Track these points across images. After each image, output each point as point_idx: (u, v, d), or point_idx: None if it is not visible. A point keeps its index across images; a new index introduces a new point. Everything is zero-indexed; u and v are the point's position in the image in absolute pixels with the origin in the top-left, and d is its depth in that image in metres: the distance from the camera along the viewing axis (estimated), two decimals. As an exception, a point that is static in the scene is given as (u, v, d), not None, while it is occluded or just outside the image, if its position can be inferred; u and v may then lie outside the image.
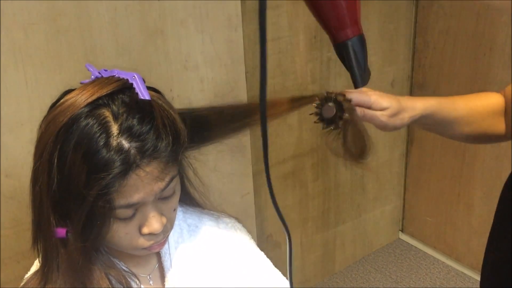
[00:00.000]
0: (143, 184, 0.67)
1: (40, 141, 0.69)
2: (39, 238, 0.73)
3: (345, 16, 0.83)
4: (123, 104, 0.68)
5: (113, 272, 0.76)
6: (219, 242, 0.88)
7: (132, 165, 0.65)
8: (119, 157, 0.64)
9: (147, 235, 0.73)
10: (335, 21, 0.84)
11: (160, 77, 1.52)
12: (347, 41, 0.84)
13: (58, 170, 0.67)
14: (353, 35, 0.84)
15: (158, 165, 0.68)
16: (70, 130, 0.66)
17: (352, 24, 0.84)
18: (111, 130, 0.65)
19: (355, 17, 0.84)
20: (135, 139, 0.66)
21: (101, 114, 0.66)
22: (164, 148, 0.67)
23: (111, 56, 1.40)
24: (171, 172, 0.70)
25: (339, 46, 0.86)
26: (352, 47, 0.85)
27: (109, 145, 0.65)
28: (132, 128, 0.66)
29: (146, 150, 0.66)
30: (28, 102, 1.31)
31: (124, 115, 0.66)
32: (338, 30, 0.84)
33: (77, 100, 0.67)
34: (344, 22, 0.83)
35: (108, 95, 0.68)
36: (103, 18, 1.36)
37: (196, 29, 1.55)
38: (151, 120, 0.67)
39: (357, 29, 0.85)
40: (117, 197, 0.66)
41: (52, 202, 0.69)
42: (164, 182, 0.69)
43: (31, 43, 1.28)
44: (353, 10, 0.83)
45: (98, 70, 0.73)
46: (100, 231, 0.68)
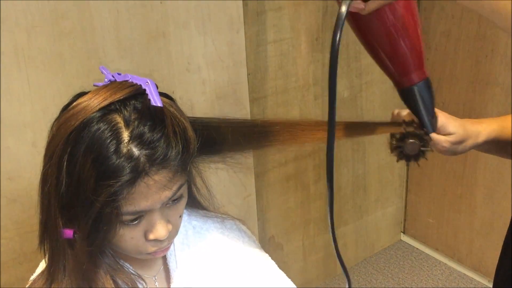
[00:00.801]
0: (150, 192, 0.67)
1: (50, 143, 0.69)
2: (46, 238, 0.73)
3: (409, 61, 0.78)
4: (135, 111, 0.67)
5: (118, 273, 0.76)
6: (224, 244, 0.89)
7: (141, 173, 0.65)
8: (129, 164, 0.64)
9: (152, 241, 0.73)
10: (398, 67, 0.79)
11: (162, 79, 1.52)
12: (413, 86, 0.80)
13: (67, 174, 0.67)
14: (418, 80, 0.80)
15: (167, 174, 0.67)
16: (81, 134, 0.66)
17: (418, 68, 0.79)
18: (122, 136, 0.65)
19: (420, 61, 0.79)
20: (146, 147, 0.65)
21: (112, 119, 0.66)
22: (174, 156, 0.67)
23: (114, 58, 1.40)
24: (179, 181, 0.70)
25: (404, 92, 0.82)
26: (419, 92, 0.81)
27: (119, 152, 0.64)
28: (143, 136, 0.65)
29: (156, 158, 0.66)
30: (30, 105, 1.31)
31: (136, 122, 0.66)
32: (402, 76, 0.80)
33: (90, 104, 0.67)
34: (408, 67, 0.78)
35: (121, 101, 0.68)
36: (105, 20, 1.37)
37: (198, 31, 1.55)
38: (162, 128, 0.67)
39: (422, 73, 0.80)
40: (124, 204, 0.66)
41: (60, 205, 0.69)
42: (172, 190, 0.69)
43: (33, 45, 1.28)
44: (418, 54, 0.78)
45: (112, 74, 0.73)
46: (106, 236, 0.69)
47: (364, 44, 0.81)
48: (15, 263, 1.41)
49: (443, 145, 0.88)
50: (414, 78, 0.80)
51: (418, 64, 0.79)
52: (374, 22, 0.76)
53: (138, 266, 0.81)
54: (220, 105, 1.67)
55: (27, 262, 1.41)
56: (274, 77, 1.90)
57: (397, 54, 0.77)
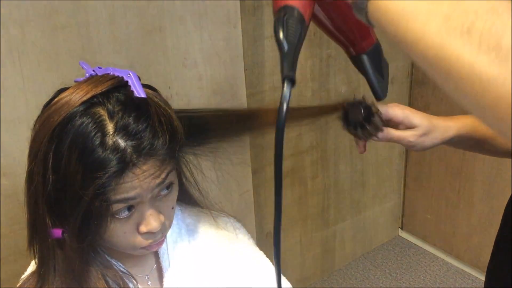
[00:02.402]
0: (139, 181, 0.66)
1: (34, 141, 0.68)
2: (35, 239, 0.72)
3: (358, 29, 0.77)
4: (119, 103, 0.67)
5: (110, 272, 0.75)
6: (218, 242, 0.88)
7: (129, 164, 0.64)
8: (115, 156, 0.63)
9: (145, 234, 0.72)
10: (348, 38, 0.79)
11: (159, 74, 1.50)
12: (362, 54, 0.80)
13: (53, 171, 0.66)
14: (368, 47, 0.80)
15: (155, 163, 0.67)
16: (64, 129, 0.65)
17: (365, 38, 0.79)
18: (107, 129, 0.65)
19: (366, 30, 0.79)
20: (131, 138, 0.65)
21: (96, 112, 0.65)
22: (161, 146, 0.67)
23: (109, 53, 1.39)
24: (167, 168, 0.70)
25: (355, 59, 0.82)
26: (369, 58, 0.81)
27: (104, 144, 0.64)
28: (128, 127, 0.65)
29: (143, 149, 0.65)
30: (25, 100, 1.30)
31: (120, 113, 0.66)
32: (353, 45, 0.80)
33: (72, 99, 0.66)
34: (358, 35, 0.78)
35: (103, 94, 0.67)
36: (100, 14, 1.35)
37: (195, 26, 1.54)
38: (147, 118, 0.67)
39: (371, 39, 0.80)
40: (114, 194, 0.66)
41: (47, 203, 0.68)
42: (160, 178, 0.69)
43: (28, 40, 1.27)
44: (360, 25, 0.77)
45: (93, 68, 0.72)
46: (97, 231, 0.68)
47: (318, 26, 0.80)
48: (11, 260, 1.40)
49: (409, 140, 0.87)
50: (364, 46, 0.80)
51: (367, 31, 0.79)
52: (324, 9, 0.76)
53: (130, 265, 0.80)
54: (217, 100, 1.66)
55: (22, 259, 1.41)
56: (271, 72, 1.89)
57: (345, 23, 0.78)
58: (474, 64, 0.43)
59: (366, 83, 1.25)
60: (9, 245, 1.39)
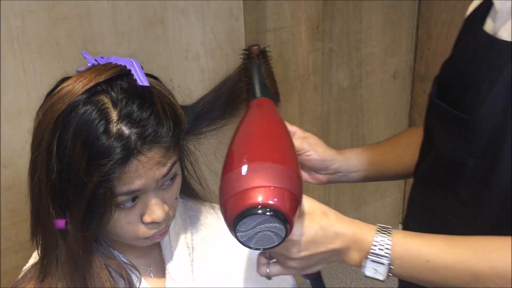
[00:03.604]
0: (144, 170, 0.66)
1: (37, 130, 0.68)
2: (38, 230, 0.72)
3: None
4: (122, 90, 0.67)
5: (113, 264, 0.75)
6: (220, 235, 0.88)
7: (133, 151, 0.64)
8: (120, 143, 0.63)
9: (149, 224, 0.72)
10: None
11: (160, 66, 1.50)
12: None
13: (58, 159, 0.65)
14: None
15: (160, 150, 0.67)
16: (68, 117, 0.65)
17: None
18: (111, 116, 0.64)
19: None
20: (136, 125, 0.65)
21: (99, 100, 0.65)
22: (165, 133, 0.67)
23: (110, 44, 1.39)
24: (172, 157, 0.70)
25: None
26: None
27: (109, 132, 0.64)
28: (132, 114, 0.65)
29: (147, 136, 0.65)
30: (25, 91, 1.29)
31: (124, 101, 0.66)
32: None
33: (75, 87, 0.66)
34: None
35: (106, 82, 0.67)
36: (102, 6, 1.35)
37: (197, 18, 1.53)
38: (151, 106, 0.67)
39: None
40: (119, 184, 0.65)
41: (51, 193, 0.67)
42: (166, 167, 0.68)
43: (29, 31, 1.26)
44: None
45: (95, 58, 0.72)
46: (101, 220, 0.67)
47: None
48: (11, 252, 1.40)
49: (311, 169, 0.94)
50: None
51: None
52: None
53: (133, 257, 0.80)
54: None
55: (22, 251, 1.41)
56: (273, 65, 1.88)
57: None
58: None
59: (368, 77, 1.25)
60: (10, 237, 1.38)
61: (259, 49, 0.87)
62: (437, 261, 0.67)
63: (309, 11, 1.89)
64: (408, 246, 0.68)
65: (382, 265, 0.67)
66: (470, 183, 0.76)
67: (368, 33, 2.10)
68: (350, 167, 0.95)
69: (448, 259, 0.66)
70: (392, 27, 2.21)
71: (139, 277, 0.77)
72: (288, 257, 0.68)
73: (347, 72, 2.13)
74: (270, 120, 0.76)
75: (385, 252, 0.67)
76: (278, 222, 0.60)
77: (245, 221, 0.60)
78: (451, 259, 0.66)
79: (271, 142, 0.70)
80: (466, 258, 0.66)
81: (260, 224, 0.60)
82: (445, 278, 0.67)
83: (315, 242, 0.67)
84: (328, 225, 0.69)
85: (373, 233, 0.68)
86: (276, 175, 0.62)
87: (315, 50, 1.98)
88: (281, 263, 0.70)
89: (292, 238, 0.66)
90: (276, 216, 0.59)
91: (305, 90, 2.02)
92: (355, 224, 0.70)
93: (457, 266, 0.66)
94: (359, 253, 0.69)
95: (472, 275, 0.65)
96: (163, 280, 0.81)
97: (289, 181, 0.62)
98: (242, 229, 0.61)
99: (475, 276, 0.65)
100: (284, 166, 0.63)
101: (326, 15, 1.94)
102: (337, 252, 0.69)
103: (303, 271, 0.71)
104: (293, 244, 0.67)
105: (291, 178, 0.63)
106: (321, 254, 0.69)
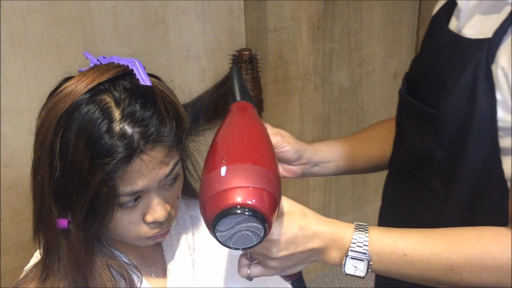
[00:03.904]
0: (147, 169, 0.66)
1: (40, 130, 0.68)
2: (40, 229, 0.72)
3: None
4: (125, 90, 0.67)
5: (114, 264, 0.75)
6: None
7: (136, 150, 0.65)
8: (123, 142, 0.64)
9: (151, 223, 0.72)
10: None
11: (161, 67, 1.50)
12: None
13: (60, 158, 0.65)
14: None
15: (162, 149, 0.67)
16: (71, 117, 0.65)
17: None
18: (114, 115, 0.65)
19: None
20: (138, 124, 0.65)
21: (102, 100, 0.66)
22: (168, 132, 0.67)
23: (111, 45, 1.39)
24: (175, 156, 0.70)
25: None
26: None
27: (112, 131, 0.64)
28: (135, 113, 0.65)
29: (150, 135, 0.66)
30: (27, 91, 1.29)
31: (126, 100, 0.66)
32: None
33: (77, 86, 0.66)
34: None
35: (109, 81, 0.67)
36: (103, 6, 1.35)
37: (198, 18, 1.53)
38: (154, 105, 0.67)
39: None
40: (121, 184, 0.66)
41: (54, 192, 0.68)
42: (169, 167, 0.69)
43: (30, 31, 1.26)
44: None
45: (97, 58, 0.72)
46: (103, 219, 0.68)
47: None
48: (12, 252, 1.40)
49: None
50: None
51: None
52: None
53: (134, 257, 0.80)
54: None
55: (23, 251, 1.41)
56: (274, 66, 1.89)
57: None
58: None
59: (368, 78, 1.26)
60: (11, 237, 1.38)
61: (250, 54, 0.88)
62: (414, 253, 0.69)
63: (310, 11, 1.89)
64: (385, 241, 0.70)
65: (361, 261, 0.69)
66: (439, 174, 0.80)
67: (369, 33, 2.10)
68: (320, 157, 0.98)
69: (425, 252, 0.69)
70: (393, 27, 2.21)
71: (140, 277, 0.77)
72: (268, 257, 0.69)
73: (348, 72, 2.13)
74: (250, 123, 0.77)
75: (363, 248, 0.69)
76: (256, 222, 0.61)
77: (224, 221, 0.61)
78: (427, 252, 0.69)
79: (250, 144, 0.71)
80: (441, 250, 0.69)
81: (239, 224, 0.61)
82: (422, 271, 0.70)
83: (294, 242, 0.69)
84: (307, 225, 0.70)
85: (351, 231, 0.70)
86: (255, 176, 0.63)
87: (316, 50, 1.98)
88: (262, 263, 0.71)
89: (272, 237, 0.67)
90: (255, 216, 0.61)
91: (305, 90, 2.02)
92: (334, 224, 0.72)
93: (432, 258, 0.69)
94: (339, 251, 0.71)
95: (447, 266, 0.68)
96: (164, 280, 0.82)
97: (268, 182, 0.64)
98: (221, 228, 0.62)
99: (451, 266, 0.68)
100: (263, 167, 0.65)
101: (326, 15, 1.94)
102: (317, 252, 0.71)
103: (284, 272, 0.73)
104: (272, 244, 0.68)
105: (270, 180, 0.64)
106: (300, 253, 0.70)
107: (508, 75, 0.70)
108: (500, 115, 0.72)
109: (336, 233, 0.71)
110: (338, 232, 0.70)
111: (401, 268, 0.70)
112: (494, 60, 0.72)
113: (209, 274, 0.83)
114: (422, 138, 0.82)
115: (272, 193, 0.64)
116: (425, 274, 0.70)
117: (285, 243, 0.68)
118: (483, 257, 0.68)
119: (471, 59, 0.74)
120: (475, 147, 0.75)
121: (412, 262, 0.70)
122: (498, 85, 0.71)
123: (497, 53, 0.71)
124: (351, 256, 0.69)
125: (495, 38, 0.72)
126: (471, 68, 0.73)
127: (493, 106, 0.72)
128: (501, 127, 0.73)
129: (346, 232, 0.71)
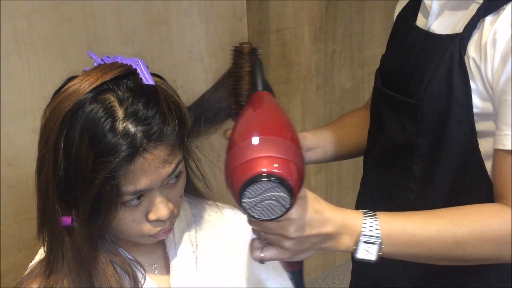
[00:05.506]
0: (150, 168, 0.67)
1: (45, 128, 0.69)
2: (44, 227, 0.73)
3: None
4: (128, 89, 0.68)
5: (118, 260, 0.76)
6: (223, 233, 0.88)
7: (139, 148, 0.65)
8: (126, 141, 0.64)
9: (154, 222, 0.73)
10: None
11: (164, 67, 1.51)
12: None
13: (65, 156, 0.66)
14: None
15: (165, 148, 0.68)
16: (75, 115, 0.66)
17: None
18: (117, 114, 0.65)
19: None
20: (141, 123, 0.66)
21: (106, 99, 0.66)
22: (170, 131, 0.68)
23: (115, 45, 1.39)
24: (178, 155, 0.71)
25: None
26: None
27: (115, 129, 0.65)
28: (138, 112, 0.66)
29: (153, 134, 0.66)
30: (30, 91, 1.30)
31: (130, 99, 0.67)
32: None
33: (81, 85, 0.67)
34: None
35: (112, 80, 0.68)
36: (106, 6, 1.35)
37: (201, 19, 1.54)
38: (156, 104, 0.68)
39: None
40: (125, 183, 0.66)
41: (58, 190, 0.68)
42: (172, 166, 0.69)
43: (34, 31, 1.27)
44: None
45: (101, 57, 0.73)
46: (107, 217, 0.68)
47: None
48: (14, 250, 1.41)
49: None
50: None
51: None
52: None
53: (137, 254, 0.81)
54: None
55: (26, 249, 1.41)
56: (276, 67, 1.89)
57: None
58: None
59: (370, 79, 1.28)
60: (13, 235, 1.39)
61: (250, 47, 0.89)
62: (422, 233, 0.74)
63: (312, 12, 1.89)
64: (394, 224, 0.74)
65: (373, 245, 0.72)
66: (421, 159, 0.87)
67: (371, 34, 2.10)
68: (308, 143, 1.04)
69: (432, 230, 0.74)
70: (395, 29, 2.22)
71: (143, 274, 0.78)
72: (285, 236, 0.70)
73: (350, 73, 2.14)
74: (276, 106, 0.79)
75: (375, 232, 0.72)
76: (284, 192, 0.62)
77: (253, 187, 0.62)
78: (434, 230, 0.74)
79: (279, 121, 0.73)
80: (446, 227, 0.74)
81: (267, 192, 0.62)
82: (430, 248, 0.74)
83: (310, 224, 0.71)
84: (321, 209, 0.72)
85: (360, 217, 0.74)
86: (286, 149, 0.65)
87: (318, 51, 1.99)
88: (276, 244, 0.72)
89: (291, 216, 0.69)
90: (283, 185, 0.62)
91: (307, 91, 2.03)
92: (343, 211, 0.75)
93: (439, 235, 0.74)
94: (350, 237, 0.73)
95: (453, 242, 0.74)
96: (167, 277, 0.82)
97: (297, 157, 0.66)
98: (248, 195, 0.63)
99: (456, 242, 0.73)
100: (293, 144, 0.67)
101: (329, 16, 1.94)
102: (329, 237, 0.73)
103: (295, 256, 0.74)
104: (290, 223, 0.69)
105: (299, 156, 0.66)
106: (313, 237, 0.72)
107: (480, 66, 0.78)
108: (475, 102, 0.80)
109: (346, 219, 0.73)
110: (348, 218, 0.73)
111: (410, 248, 0.74)
112: (466, 52, 0.80)
113: (211, 271, 0.84)
114: (404, 127, 0.89)
115: (300, 168, 0.66)
116: (432, 252, 0.75)
117: (302, 223, 0.70)
118: (484, 231, 0.74)
119: (445, 52, 0.81)
120: (454, 132, 0.82)
121: (420, 241, 0.74)
122: (471, 75, 0.80)
123: (468, 46, 0.80)
124: (363, 241, 0.72)
125: (465, 33, 0.80)
126: (445, 60, 0.81)
127: (468, 94, 0.80)
128: (476, 113, 0.81)
129: (356, 218, 0.74)
